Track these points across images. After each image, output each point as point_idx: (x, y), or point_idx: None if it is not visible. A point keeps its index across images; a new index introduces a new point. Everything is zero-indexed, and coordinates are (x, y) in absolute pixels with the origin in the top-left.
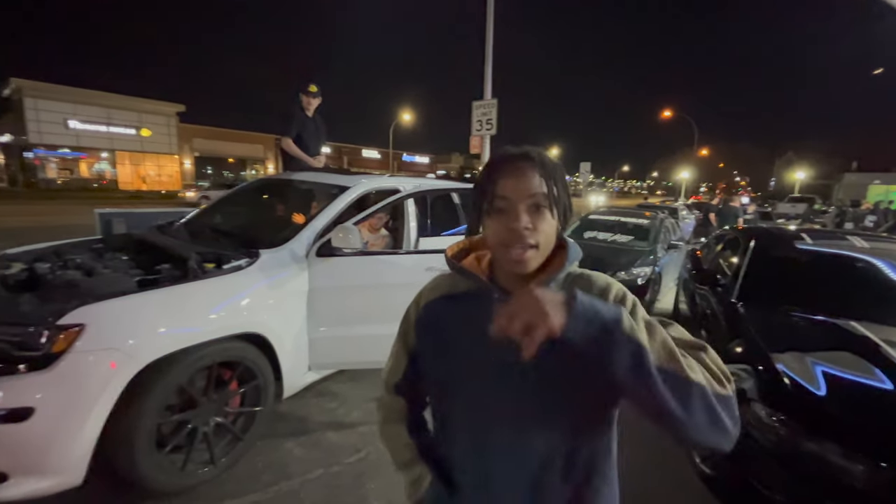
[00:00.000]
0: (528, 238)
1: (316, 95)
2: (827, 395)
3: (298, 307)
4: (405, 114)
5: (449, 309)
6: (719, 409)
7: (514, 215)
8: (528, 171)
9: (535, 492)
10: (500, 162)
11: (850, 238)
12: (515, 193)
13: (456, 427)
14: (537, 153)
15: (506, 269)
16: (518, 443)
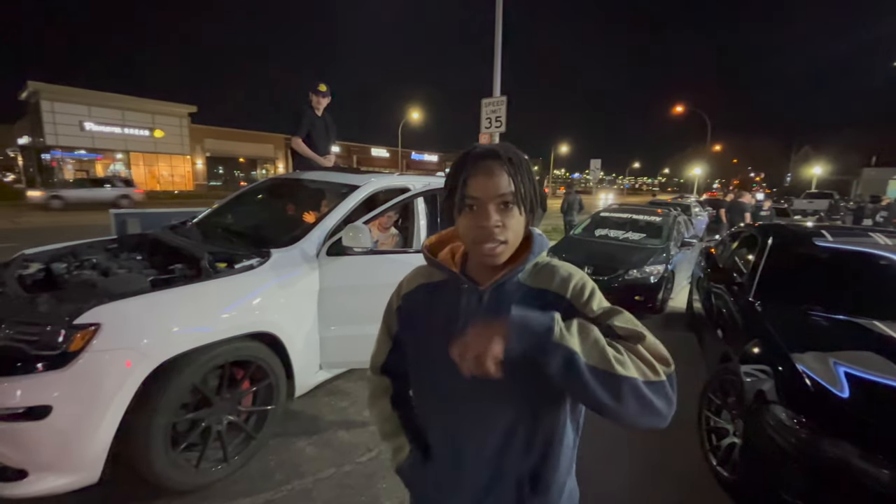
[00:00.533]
0: (498, 235)
1: (326, 95)
2: (850, 396)
3: (309, 306)
4: (414, 112)
5: (425, 297)
6: (650, 397)
7: (484, 214)
8: (496, 169)
9: (500, 458)
10: (469, 161)
11: (872, 235)
12: (485, 193)
13: (429, 402)
14: (504, 150)
15: (476, 262)
16: (482, 417)
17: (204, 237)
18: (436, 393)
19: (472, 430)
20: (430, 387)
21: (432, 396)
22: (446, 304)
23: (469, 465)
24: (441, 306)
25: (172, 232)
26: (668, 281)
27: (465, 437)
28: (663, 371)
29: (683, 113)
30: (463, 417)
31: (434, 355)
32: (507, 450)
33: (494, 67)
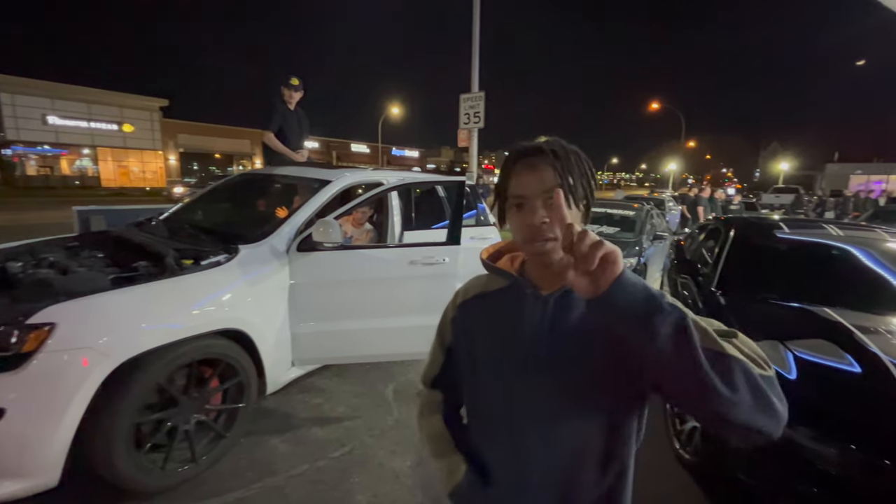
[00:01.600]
0: (547, 232)
1: (298, 89)
2: (797, 379)
3: (280, 302)
4: (394, 108)
5: (483, 307)
6: (765, 389)
7: (530, 211)
8: (540, 165)
9: (570, 482)
10: (512, 160)
11: (826, 227)
12: (528, 189)
13: (488, 418)
14: (548, 144)
15: (535, 265)
16: (550, 434)
17: (170, 234)
18: (497, 408)
19: (538, 450)
20: (490, 401)
21: (493, 412)
22: (507, 312)
23: (534, 490)
24: (501, 315)
25: (137, 229)
26: (640, 273)
27: (531, 457)
28: (768, 369)
29: (659, 110)
30: (528, 435)
31: (495, 367)
32: (579, 473)
33: (472, 63)
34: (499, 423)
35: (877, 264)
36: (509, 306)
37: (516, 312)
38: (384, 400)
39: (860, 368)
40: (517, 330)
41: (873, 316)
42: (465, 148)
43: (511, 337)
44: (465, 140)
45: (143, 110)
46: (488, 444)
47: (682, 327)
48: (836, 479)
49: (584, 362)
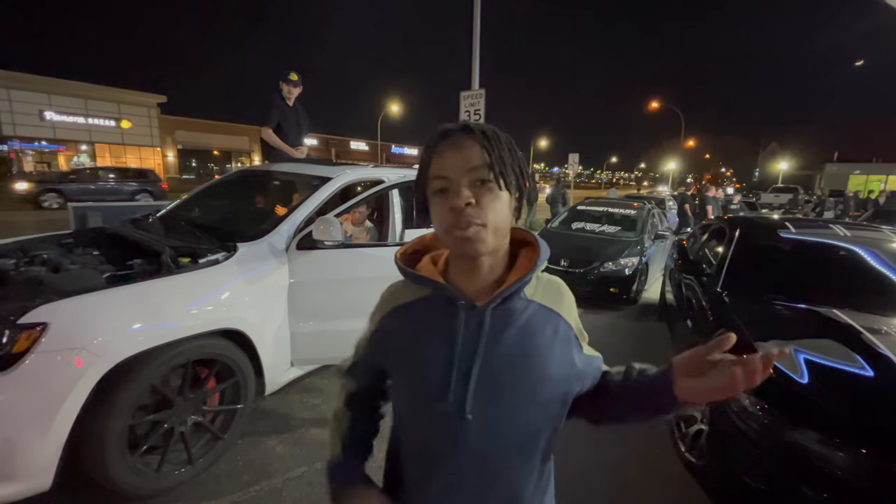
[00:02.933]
0: (474, 217)
1: (297, 84)
2: (809, 383)
3: (279, 302)
4: (393, 105)
5: (404, 322)
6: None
7: (454, 193)
8: (465, 143)
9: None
10: (436, 139)
11: (832, 227)
12: (453, 170)
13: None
14: (477, 125)
15: (461, 265)
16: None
17: (167, 231)
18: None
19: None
20: (422, 430)
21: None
22: (435, 327)
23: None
24: (428, 331)
25: (133, 226)
26: (642, 273)
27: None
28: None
29: (659, 109)
30: (466, 461)
31: (426, 391)
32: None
33: (473, 60)
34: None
35: (883, 265)
36: (437, 319)
37: (447, 326)
38: None
39: (872, 371)
40: (449, 347)
41: (881, 317)
42: None
43: (442, 355)
44: None
45: (141, 106)
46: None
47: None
48: (845, 483)
49: (526, 375)
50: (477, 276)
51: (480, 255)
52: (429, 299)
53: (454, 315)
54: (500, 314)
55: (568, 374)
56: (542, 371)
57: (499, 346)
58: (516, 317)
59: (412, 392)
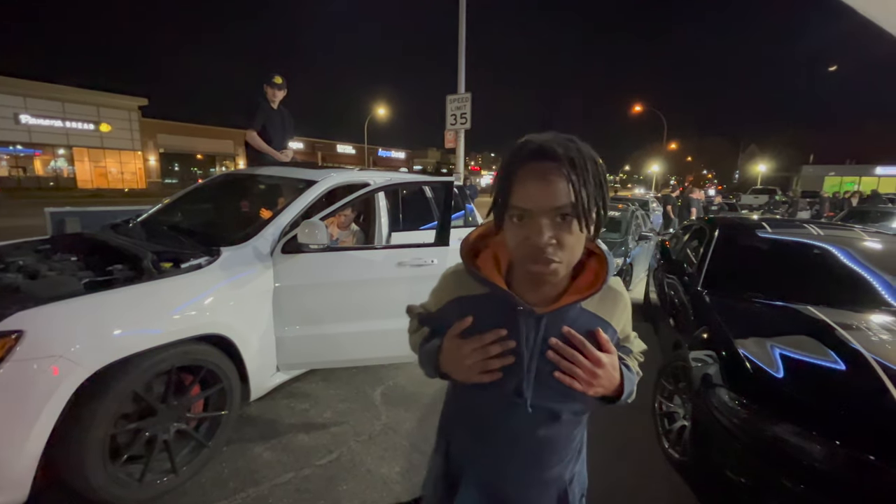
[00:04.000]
0: (552, 255)
1: (281, 87)
2: (784, 377)
3: (264, 306)
4: (380, 108)
5: (473, 308)
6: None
7: (535, 229)
8: (552, 175)
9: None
10: (518, 161)
11: (807, 226)
12: (537, 204)
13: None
14: (565, 148)
15: (526, 278)
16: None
17: (148, 236)
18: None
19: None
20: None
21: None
22: (499, 323)
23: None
24: (493, 325)
25: (113, 231)
26: (626, 273)
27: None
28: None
29: (642, 112)
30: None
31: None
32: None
33: (459, 64)
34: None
35: (854, 262)
36: (501, 317)
37: (510, 326)
38: (372, 404)
39: (844, 366)
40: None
41: (854, 313)
42: (452, 149)
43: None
44: (452, 141)
45: (121, 109)
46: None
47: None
48: (821, 475)
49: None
50: (541, 288)
51: (551, 283)
52: (491, 297)
53: (516, 316)
54: (557, 320)
55: None
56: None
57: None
58: (572, 321)
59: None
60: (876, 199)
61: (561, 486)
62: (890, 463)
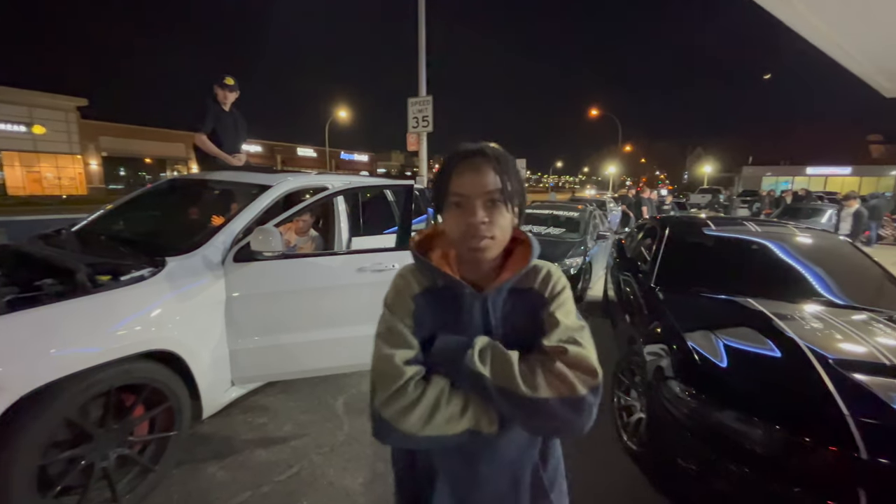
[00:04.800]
0: (485, 231)
1: (233, 89)
2: (728, 366)
3: (215, 318)
4: (342, 110)
5: (429, 302)
6: (561, 413)
7: (470, 210)
8: (483, 167)
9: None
10: (456, 159)
11: (746, 223)
12: (472, 190)
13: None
14: (492, 149)
15: (468, 263)
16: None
17: (84, 247)
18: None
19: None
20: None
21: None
22: (451, 309)
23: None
24: (446, 312)
25: (43, 242)
26: (586, 272)
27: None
28: (585, 384)
29: (599, 116)
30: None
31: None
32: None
33: (419, 67)
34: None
35: (789, 257)
36: (452, 303)
37: (459, 309)
38: (334, 414)
39: (780, 353)
40: (463, 325)
41: (788, 304)
42: (416, 152)
43: (461, 332)
44: (415, 144)
45: (57, 110)
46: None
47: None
48: (761, 456)
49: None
50: (481, 270)
51: (486, 261)
52: (444, 286)
53: (462, 300)
54: (501, 300)
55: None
56: (529, 338)
57: (502, 324)
58: (512, 300)
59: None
60: (808, 198)
61: (533, 465)
62: (821, 443)
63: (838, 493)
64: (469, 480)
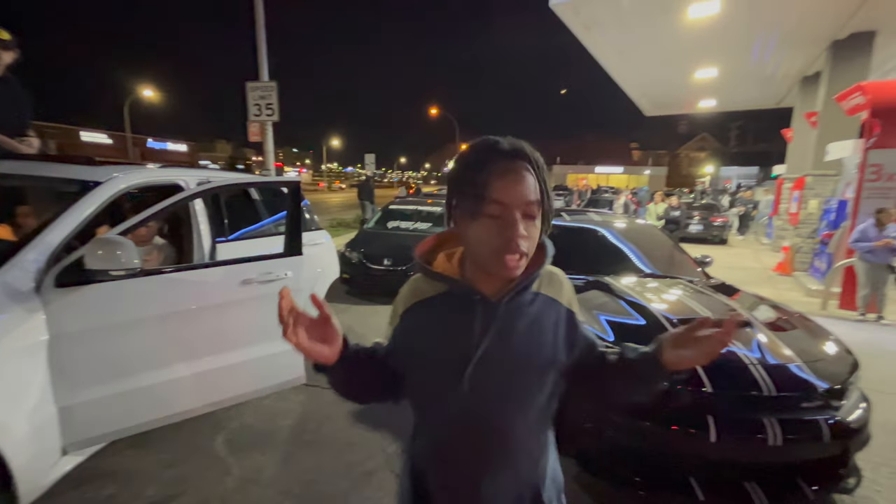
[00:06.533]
0: (522, 247)
1: (8, 46)
2: (614, 340)
3: (32, 368)
4: (146, 90)
5: (425, 313)
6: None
7: (509, 222)
8: (524, 173)
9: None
10: (493, 160)
11: (588, 213)
12: (514, 199)
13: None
14: (531, 152)
15: (479, 269)
16: (502, 427)
17: None
18: (453, 406)
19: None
20: (446, 400)
21: (448, 410)
22: (455, 317)
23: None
24: (449, 320)
25: None
26: None
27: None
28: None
29: (438, 115)
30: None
31: (449, 370)
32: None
33: (258, 49)
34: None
35: (624, 240)
36: (456, 311)
37: (465, 317)
38: (215, 458)
39: (644, 321)
40: (468, 335)
41: (632, 278)
42: (259, 143)
43: (463, 341)
44: (257, 134)
45: None
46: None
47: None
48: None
49: (534, 360)
50: (494, 280)
51: (515, 278)
52: (448, 294)
53: (472, 307)
54: (513, 307)
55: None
56: (547, 351)
57: (512, 334)
58: (525, 308)
59: (434, 375)
60: (600, 191)
61: (534, 485)
62: (682, 385)
63: (697, 423)
64: (470, 497)
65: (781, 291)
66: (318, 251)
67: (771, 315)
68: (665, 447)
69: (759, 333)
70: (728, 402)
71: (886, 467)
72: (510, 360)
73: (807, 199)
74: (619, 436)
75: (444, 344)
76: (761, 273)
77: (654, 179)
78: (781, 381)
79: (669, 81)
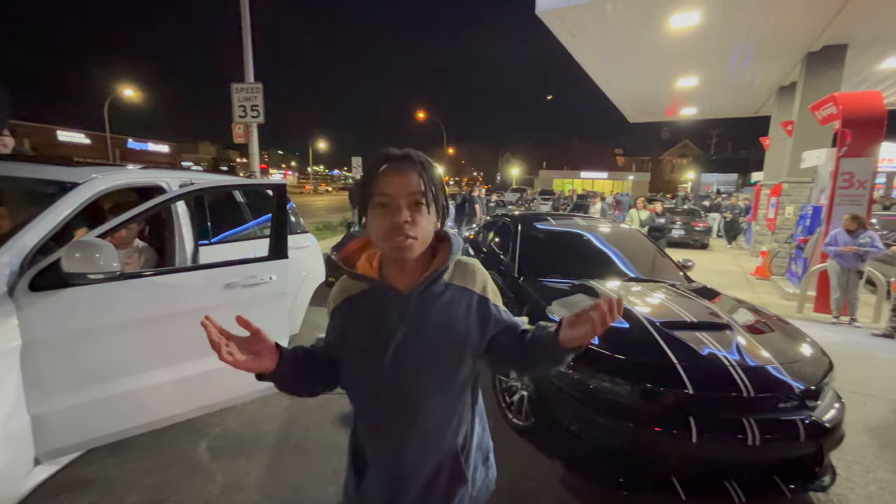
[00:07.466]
0: (408, 230)
1: None
2: (598, 341)
3: (1, 375)
4: (127, 89)
5: (351, 309)
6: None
7: (395, 210)
8: (408, 171)
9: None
10: (382, 162)
11: (574, 218)
12: (397, 190)
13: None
14: (417, 155)
15: (392, 263)
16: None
17: None
18: (379, 390)
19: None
20: (373, 387)
21: (369, 410)
22: (375, 311)
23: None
24: (370, 315)
25: None
26: None
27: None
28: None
29: (426, 119)
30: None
31: (372, 360)
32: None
33: (245, 50)
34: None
35: (608, 244)
36: (376, 306)
37: (383, 310)
38: (198, 465)
39: (627, 324)
40: (387, 326)
41: (618, 282)
42: (243, 144)
43: (382, 333)
44: (242, 135)
45: None
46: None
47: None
48: (624, 406)
49: (445, 344)
50: (406, 270)
51: (409, 259)
52: (369, 291)
53: (388, 300)
54: (425, 297)
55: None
56: (459, 334)
57: (424, 321)
58: (437, 297)
59: (360, 362)
60: (585, 196)
61: (454, 452)
62: (664, 387)
63: (678, 424)
64: (397, 465)
65: (760, 295)
66: (303, 254)
67: (750, 318)
68: (648, 448)
69: (738, 336)
70: (708, 404)
71: (859, 465)
72: (424, 344)
73: (784, 204)
74: (603, 437)
75: (366, 334)
76: (741, 277)
77: (637, 185)
78: (760, 382)
79: (652, 89)
